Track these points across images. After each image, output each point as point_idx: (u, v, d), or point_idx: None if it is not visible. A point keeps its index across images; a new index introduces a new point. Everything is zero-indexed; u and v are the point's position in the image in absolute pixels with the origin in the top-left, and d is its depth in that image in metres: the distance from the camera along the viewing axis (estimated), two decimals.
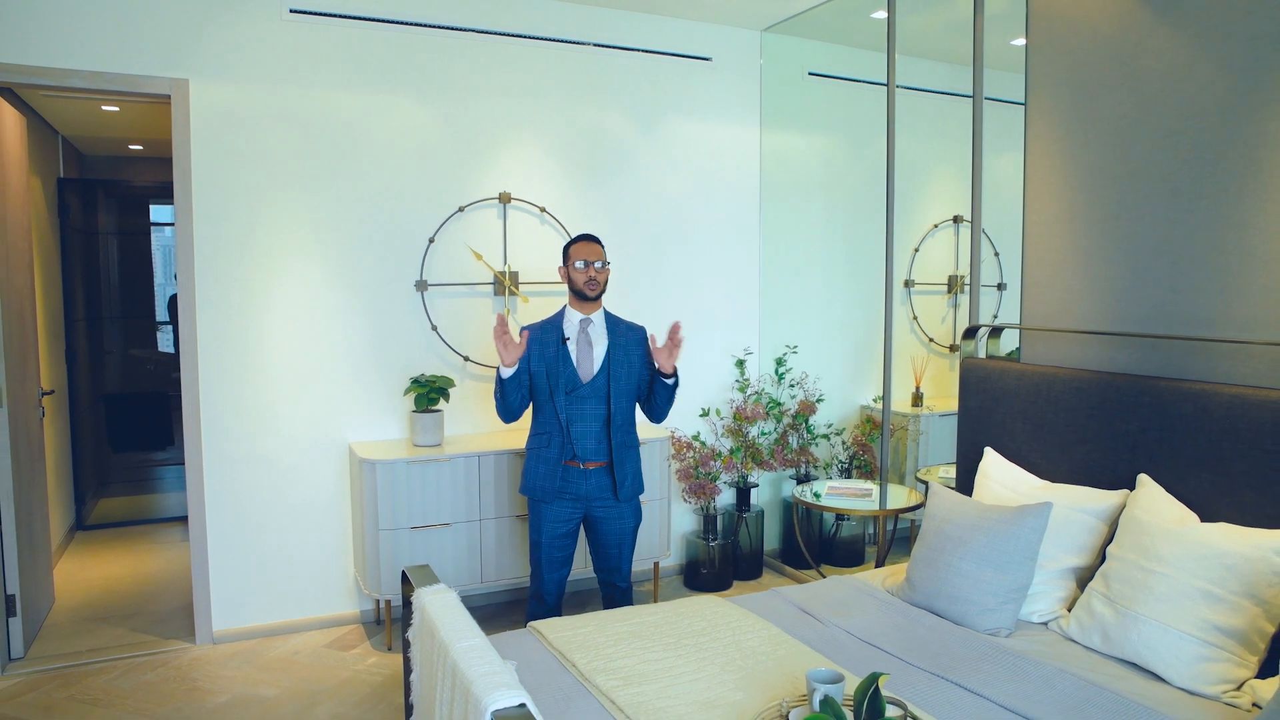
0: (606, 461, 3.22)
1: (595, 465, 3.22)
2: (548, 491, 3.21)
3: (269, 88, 3.74)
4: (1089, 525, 2.71)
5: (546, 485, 3.21)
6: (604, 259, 3.23)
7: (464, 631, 1.98)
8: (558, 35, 4.21)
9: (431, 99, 4.03)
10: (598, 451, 3.21)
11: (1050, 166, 3.12)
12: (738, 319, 4.80)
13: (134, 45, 3.52)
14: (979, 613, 2.63)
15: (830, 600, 2.88)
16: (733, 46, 4.63)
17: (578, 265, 3.19)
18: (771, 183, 4.81)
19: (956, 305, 5.23)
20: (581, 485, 3.23)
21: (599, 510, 3.27)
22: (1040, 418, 3.02)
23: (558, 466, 3.20)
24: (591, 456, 3.20)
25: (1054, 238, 3.11)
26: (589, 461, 3.21)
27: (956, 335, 4.94)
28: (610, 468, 3.23)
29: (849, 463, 4.83)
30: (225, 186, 3.71)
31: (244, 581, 3.86)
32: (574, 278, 3.21)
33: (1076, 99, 3.03)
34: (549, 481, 3.21)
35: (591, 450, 3.20)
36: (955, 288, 5.17)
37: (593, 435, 3.20)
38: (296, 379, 3.90)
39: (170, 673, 3.56)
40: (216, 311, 3.74)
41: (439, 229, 4.08)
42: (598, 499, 3.25)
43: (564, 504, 3.24)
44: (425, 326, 4.10)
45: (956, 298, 5.20)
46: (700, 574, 4.55)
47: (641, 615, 2.69)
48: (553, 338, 3.22)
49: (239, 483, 3.83)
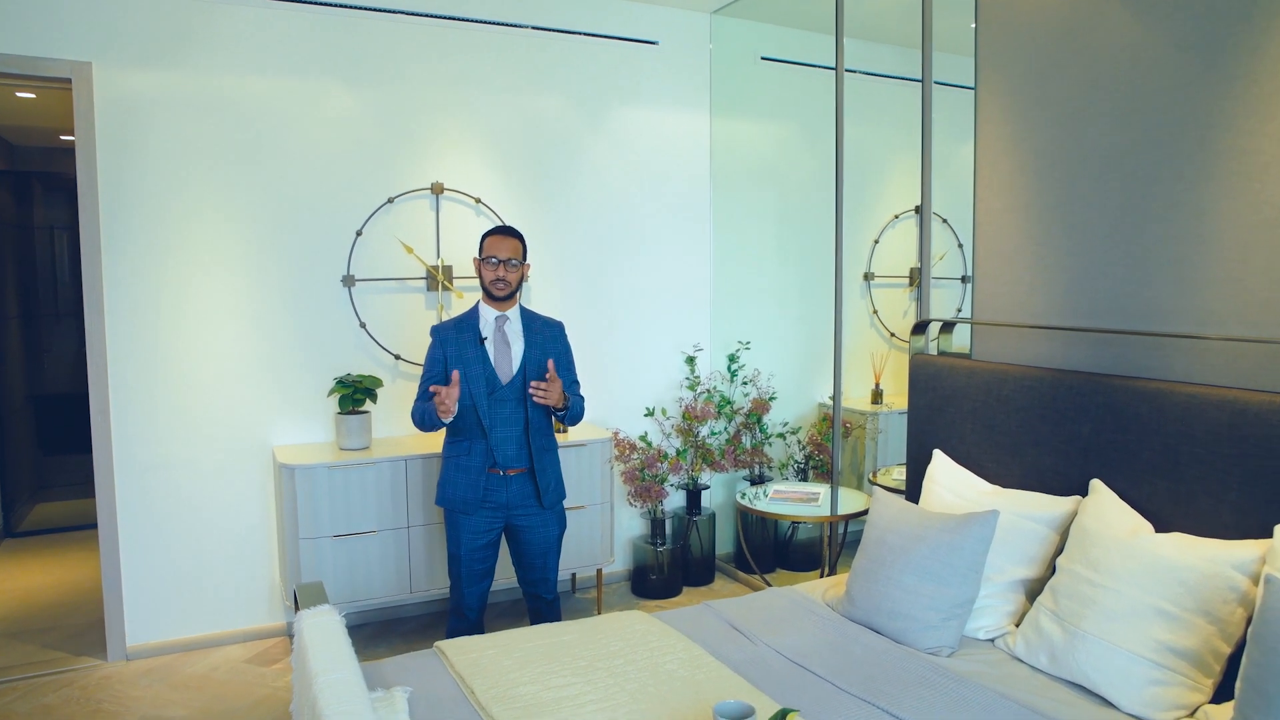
0: (526, 468, 3.04)
1: (516, 471, 3.03)
2: (469, 502, 3.02)
3: (180, 72, 3.51)
4: (1039, 534, 2.54)
5: (468, 496, 3.02)
6: (518, 256, 3.01)
7: (334, 662, 1.78)
8: (494, 18, 4.00)
9: (358, 85, 3.81)
10: (518, 457, 3.02)
11: (1000, 151, 2.94)
12: (687, 314, 4.61)
13: (32, 24, 3.28)
14: (920, 630, 2.45)
15: (764, 615, 2.69)
16: (680, 30, 4.43)
17: (487, 262, 3.00)
18: (722, 172, 4.61)
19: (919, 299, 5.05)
20: (502, 493, 3.03)
21: (521, 519, 3.08)
22: (990, 418, 2.84)
23: (480, 475, 3.01)
24: (512, 463, 3.02)
25: (1005, 227, 2.93)
26: (509, 468, 3.02)
27: None
28: (531, 474, 3.05)
29: (805, 463, 4.65)
30: (133, 176, 3.48)
31: (160, 593, 3.64)
32: (483, 274, 3.02)
33: (1027, 79, 2.84)
34: (470, 491, 3.02)
35: (512, 456, 3.01)
36: (917, 280, 4.99)
37: (513, 440, 3.01)
38: (215, 379, 3.67)
39: (74, 693, 3.33)
40: (126, 308, 3.51)
41: (367, 221, 3.86)
42: (519, 507, 3.06)
43: (484, 514, 3.04)
44: (353, 324, 3.88)
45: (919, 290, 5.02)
46: (649, 580, 4.36)
47: (557, 634, 2.49)
48: (469, 337, 3.01)
49: (154, 489, 3.61)
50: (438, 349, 3.03)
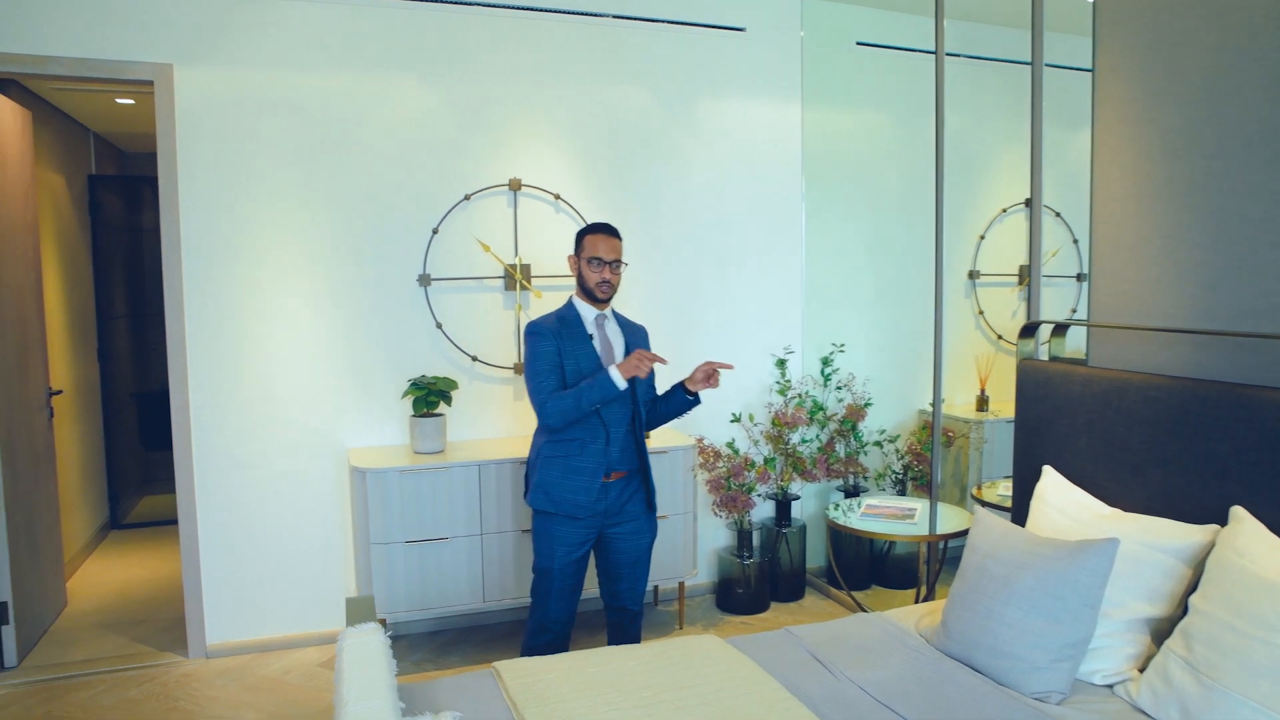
0: (631, 469, 2.89)
1: (619, 475, 2.87)
2: (580, 506, 2.80)
3: (259, 72, 3.51)
4: (1167, 567, 2.22)
5: (580, 499, 2.79)
6: (622, 256, 2.87)
7: (366, 690, 1.66)
8: (573, 8, 3.87)
9: (435, 81, 3.74)
10: (622, 459, 2.86)
11: (1122, 134, 2.62)
12: (778, 315, 4.37)
13: (116, 29, 3.32)
14: (1025, 671, 2.17)
15: (850, 644, 2.46)
16: (770, 15, 4.20)
17: (592, 263, 2.83)
18: (816, 165, 4.36)
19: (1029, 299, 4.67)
20: (605, 499, 2.86)
21: (614, 526, 2.90)
22: (1109, 433, 2.53)
23: (594, 479, 2.80)
24: (617, 465, 2.85)
25: (1127, 218, 2.61)
26: (615, 471, 2.86)
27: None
28: (642, 475, 2.91)
29: (903, 474, 4.35)
30: (213, 177, 3.49)
31: (239, 593, 3.66)
32: (586, 275, 2.85)
33: (1154, 51, 2.51)
34: (584, 495, 2.79)
35: (617, 458, 2.85)
36: (1027, 279, 4.62)
37: (619, 441, 2.85)
38: (292, 380, 3.66)
39: (155, 689, 3.37)
40: (205, 308, 3.53)
41: (443, 219, 3.79)
42: (616, 514, 2.89)
43: (578, 524, 2.83)
44: (429, 324, 3.82)
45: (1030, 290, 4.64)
46: (734, 594, 4.15)
47: (622, 659, 2.32)
48: (575, 333, 2.85)
49: (232, 488, 3.62)
50: (547, 341, 2.80)
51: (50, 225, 4.61)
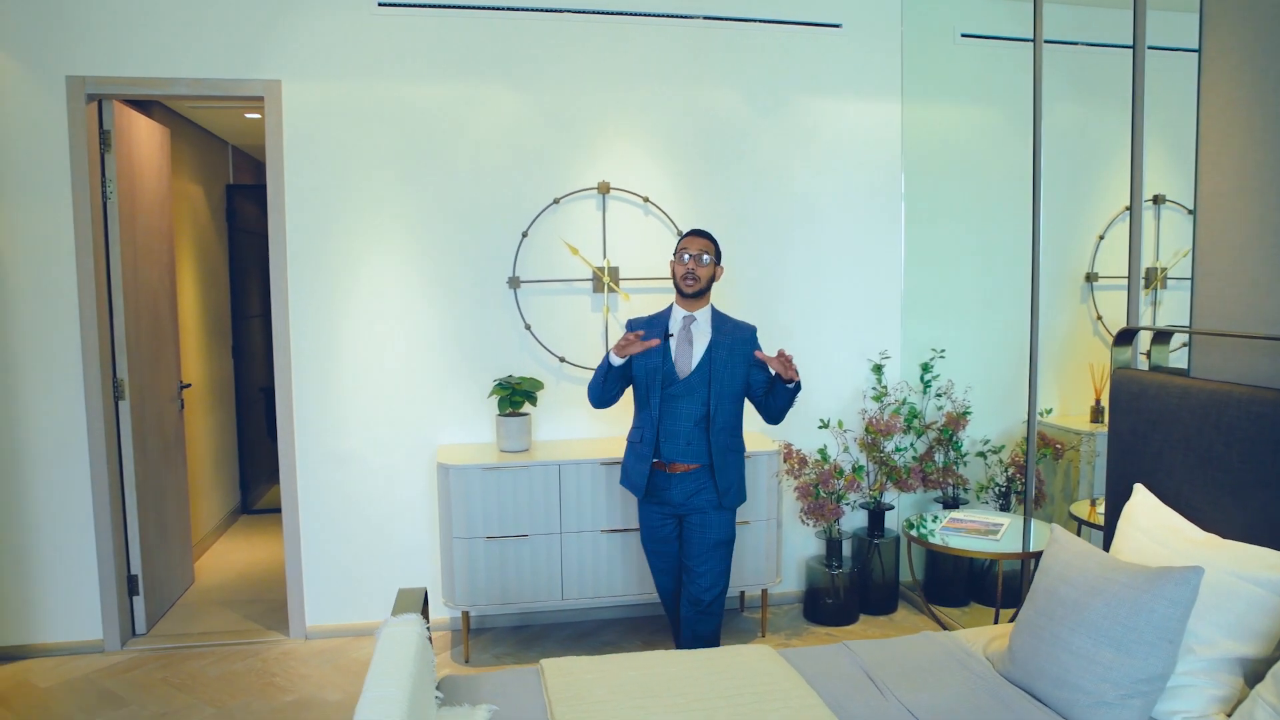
0: (699, 465, 3.03)
1: (684, 469, 3.03)
2: (638, 486, 3.12)
3: (358, 84, 3.69)
4: (1265, 602, 2.01)
5: (638, 481, 3.12)
6: (709, 252, 3.05)
7: (385, 678, 1.72)
8: (662, 10, 3.87)
9: (525, 87, 3.83)
10: (686, 453, 3.02)
11: (1231, 121, 2.39)
12: (873, 319, 4.22)
13: (230, 50, 3.58)
14: (1091, 706, 2.01)
15: (907, 664, 2.35)
16: (867, 10, 4.06)
17: (679, 256, 3.06)
18: (916, 163, 4.19)
19: (1156, 303, 4.33)
20: (669, 490, 3.06)
21: (687, 516, 3.09)
22: (1207, 450, 2.31)
23: (647, 464, 3.08)
24: (679, 458, 3.02)
25: (1233, 213, 2.37)
26: (675, 464, 3.03)
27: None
28: (711, 471, 3.03)
29: (1007, 487, 4.12)
30: (316, 184, 3.70)
31: (335, 578, 3.86)
32: (674, 270, 3.09)
33: (1269, 26, 2.28)
34: (639, 478, 3.11)
35: (679, 452, 3.02)
36: (1155, 281, 4.28)
37: (681, 435, 3.02)
38: (387, 378, 3.84)
39: (256, 665, 3.60)
40: (308, 308, 3.75)
41: (532, 223, 3.87)
42: (690, 505, 3.06)
43: (655, 507, 3.13)
44: (519, 325, 3.91)
45: (1156, 293, 4.31)
46: (823, 605, 4.05)
47: (665, 665, 2.31)
48: (656, 332, 3.10)
49: (332, 480, 3.83)
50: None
51: (188, 232, 5.01)
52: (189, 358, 4.89)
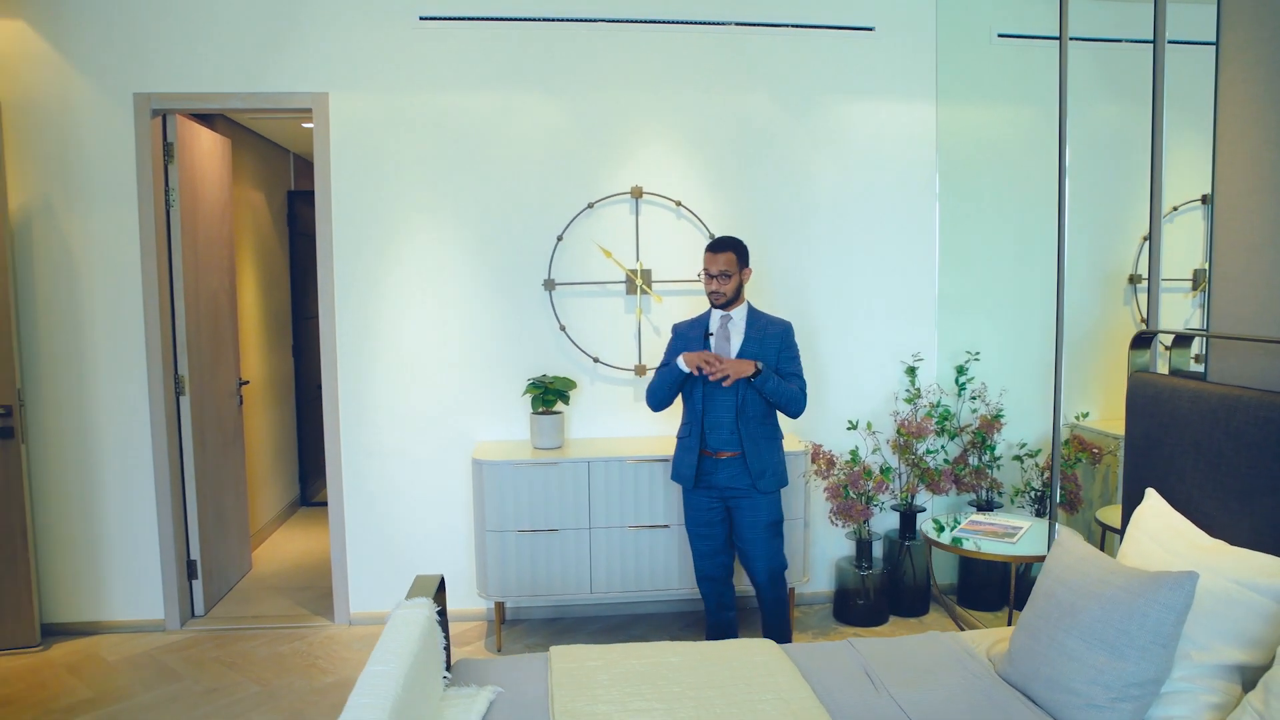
0: (738, 452, 3.24)
1: (728, 455, 3.25)
2: (686, 478, 3.32)
3: (400, 94, 3.86)
4: (1264, 609, 1.99)
5: (687, 473, 3.32)
6: (731, 268, 3.22)
7: (388, 655, 1.84)
8: (693, 17, 3.94)
9: (560, 94, 3.95)
10: (729, 442, 3.25)
11: (1248, 119, 2.35)
12: (906, 320, 4.22)
13: (281, 64, 3.78)
14: (1081, 708, 2.02)
15: (908, 661, 2.38)
16: (900, 12, 4.07)
17: (705, 275, 3.27)
18: (951, 165, 4.17)
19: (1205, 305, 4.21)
20: (714, 475, 3.28)
21: (734, 500, 3.30)
22: (1217, 455, 2.28)
23: (695, 455, 3.30)
24: (724, 446, 3.26)
25: (1249, 214, 2.34)
26: (721, 451, 3.26)
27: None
28: (744, 458, 3.24)
29: (1042, 490, 4.07)
30: (361, 190, 3.88)
31: (379, 568, 4.03)
32: (705, 285, 3.30)
33: None
34: (688, 470, 3.31)
35: (724, 440, 3.26)
36: (1203, 283, 4.17)
37: (725, 426, 3.26)
38: (427, 377, 4.00)
39: (302, 647, 3.79)
40: (353, 308, 3.93)
41: (567, 226, 3.99)
42: (732, 489, 3.28)
43: (702, 493, 3.32)
44: (554, 326, 4.03)
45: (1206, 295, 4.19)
46: (853, 606, 4.06)
47: (669, 655, 2.39)
48: (698, 333, 3.34)
49: (374, 474, 4.01)
50: (677, 342, 3.37)
51: (250, 237, 5.27)
52: (249, 356, 5.15)
